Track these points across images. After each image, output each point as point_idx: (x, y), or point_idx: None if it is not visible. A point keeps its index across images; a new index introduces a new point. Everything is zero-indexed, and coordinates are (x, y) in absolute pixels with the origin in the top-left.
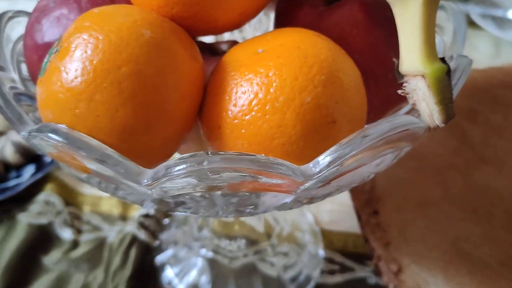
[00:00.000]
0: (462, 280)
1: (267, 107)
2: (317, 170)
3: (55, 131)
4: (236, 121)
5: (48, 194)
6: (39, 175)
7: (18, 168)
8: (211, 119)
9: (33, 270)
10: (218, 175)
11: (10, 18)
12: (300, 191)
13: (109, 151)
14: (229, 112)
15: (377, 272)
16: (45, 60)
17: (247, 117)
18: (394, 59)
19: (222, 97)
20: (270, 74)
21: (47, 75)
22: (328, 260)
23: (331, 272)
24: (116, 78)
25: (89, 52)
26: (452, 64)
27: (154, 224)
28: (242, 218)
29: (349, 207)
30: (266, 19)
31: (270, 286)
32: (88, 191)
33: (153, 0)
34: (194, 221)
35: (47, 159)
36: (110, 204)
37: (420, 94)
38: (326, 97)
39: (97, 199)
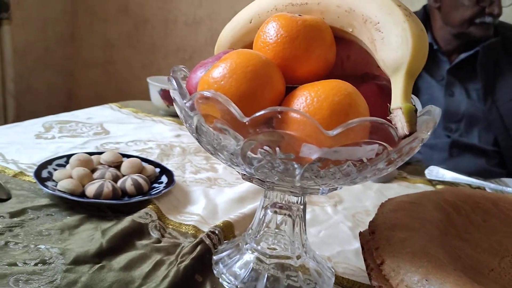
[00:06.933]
0: (421, 264)
1: (315, 100)
2: (334, 133)
3: (208, 92)
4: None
5: (148, 210)
6: (145, 198)
7: (130, 197)
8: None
9: (126, 246)
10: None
11: (180, 69)
12: (325, 149)
13: (232, 103)
14: (295, 105)
15: (370, 279)
16: (205, 69)
17: (302, 106)
18: (388, 104)
19: (293, 98)
20: (318, 87)
21: (207, 73)
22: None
23: None
24: (244, 71)
25: (235, 59)
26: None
27: (216, 239)
28: (279, 244)
29: (360, 269)
30: None
31: None
32: (173, 219)
33: (267, 55)
34: (247, 236)
35: (152, 192)
36: (187, 228)
37: (398, 118)
38: (346, 100)
39: (178, 224)
